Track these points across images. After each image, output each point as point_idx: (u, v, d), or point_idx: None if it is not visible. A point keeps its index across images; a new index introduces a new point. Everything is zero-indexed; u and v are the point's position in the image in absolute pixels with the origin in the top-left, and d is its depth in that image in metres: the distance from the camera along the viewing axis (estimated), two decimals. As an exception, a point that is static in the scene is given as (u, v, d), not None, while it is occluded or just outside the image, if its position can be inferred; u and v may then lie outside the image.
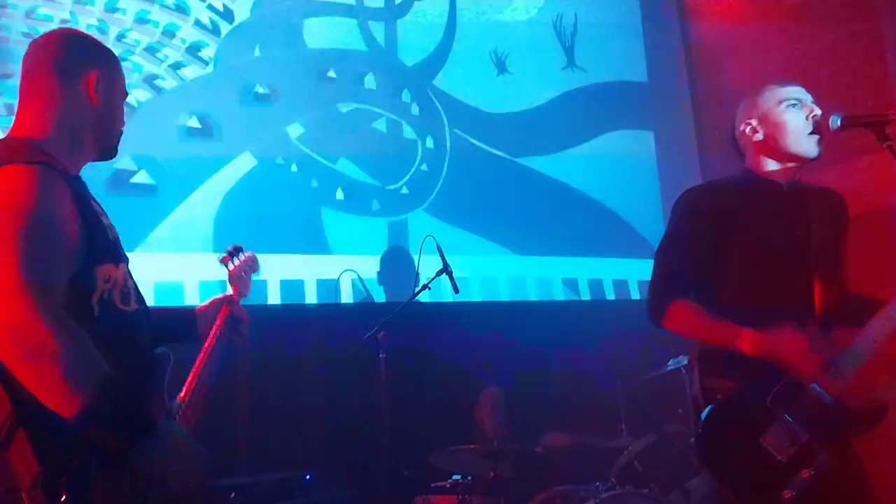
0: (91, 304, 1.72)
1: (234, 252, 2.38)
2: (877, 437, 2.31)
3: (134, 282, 1.90)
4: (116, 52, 2.04)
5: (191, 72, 4.29)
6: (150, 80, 4.15)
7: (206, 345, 2.13)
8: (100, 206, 1.88)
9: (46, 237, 1.61)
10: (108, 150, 1.96)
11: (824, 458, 2.20)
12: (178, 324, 2.22)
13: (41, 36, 1.96)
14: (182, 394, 2.02)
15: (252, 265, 2.38)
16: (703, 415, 2.30)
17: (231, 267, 2.34)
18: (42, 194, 1.63)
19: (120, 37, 4.13)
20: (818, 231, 2.42)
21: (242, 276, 2.34)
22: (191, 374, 2.07)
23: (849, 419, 2.26)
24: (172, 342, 2.01)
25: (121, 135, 1.98)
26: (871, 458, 2.41)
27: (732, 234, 2.39)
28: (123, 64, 2.05)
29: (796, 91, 2.50)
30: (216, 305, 2.25)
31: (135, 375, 1.75)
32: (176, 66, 4.24)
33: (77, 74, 1.86)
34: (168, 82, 4.22)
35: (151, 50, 4.20)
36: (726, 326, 2.25)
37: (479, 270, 4.98)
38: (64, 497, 1.53)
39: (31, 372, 1.53)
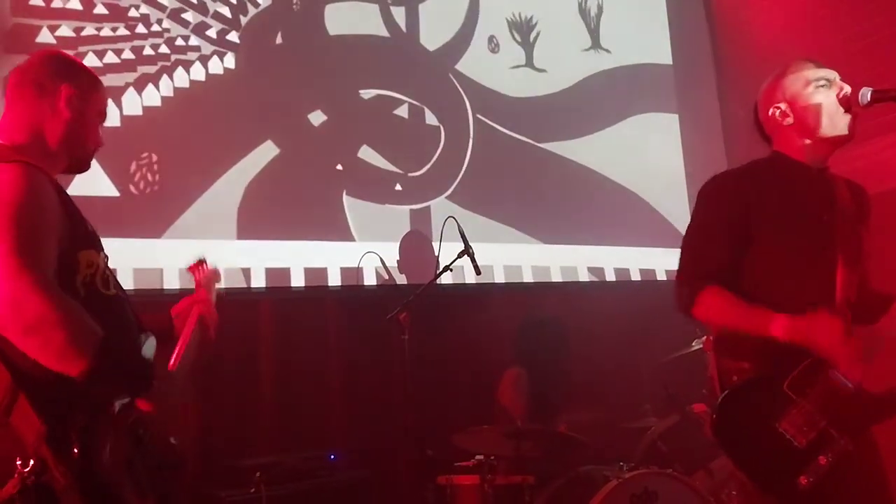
0: (76, 286, 1.87)
1: (200, 263, 2.65)
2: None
3: (111, 270, 2.06)
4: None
5: (212, 60, 4.32)
6: (171, 70, 4.20)
7: (182, 338, 2.29)
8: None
9: (35, 223, 1.78)
10: (78, 162, 2.12)
11: (843, 444, 2.19)
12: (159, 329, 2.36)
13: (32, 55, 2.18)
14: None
15: (216, 276, 2.62)
16: (719, 400, 2.28)
17: (198, 275, 2.59)
18: (27, 185, 1.80)
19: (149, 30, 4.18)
20: (844, 220, 2.41)
21: (209, 283, 2.56)
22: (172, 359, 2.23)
23: (869, 406, 2.24)
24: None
25: (93, 151, 2.14)
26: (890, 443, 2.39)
27: (759, 221, 2.37)
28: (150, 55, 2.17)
29: (823, 70, 2.46)
30: (188, 306, 2.43)
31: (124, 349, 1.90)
32: (198, 56, 4.28)
33: (50, 88, 2.04)
34: (190, 71, 4.26)
35: (177, 40, 4.25)
36: (759, 312, 2.23)
37: (502, 259, 4.96)
38: (76, 449, 1.66)
39: (36, 342, 1.67)
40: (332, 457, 3.85)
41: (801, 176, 2.43)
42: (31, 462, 1.64)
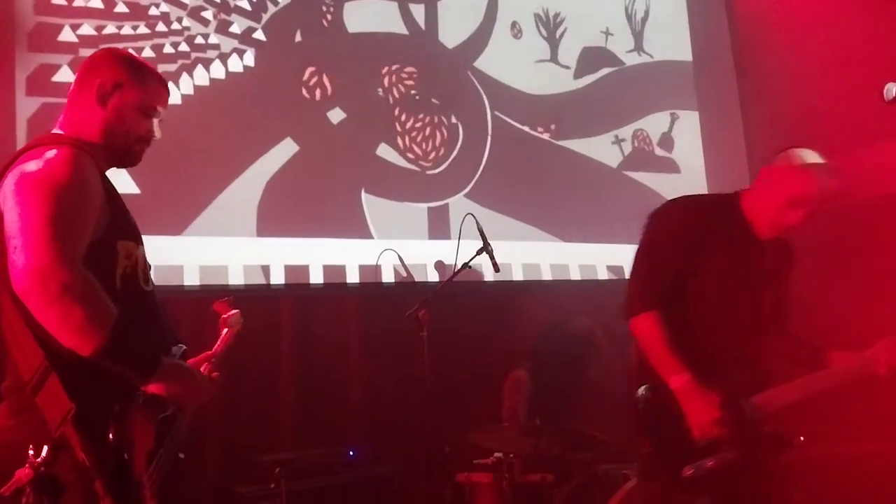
0: (115, 279, 1.90)
1: (231, 303, 2.53)
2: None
3: (148, 266, 2.09)
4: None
5: (232, 58, 4.34)
6: (191, 68, 4.22)
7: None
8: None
9: (75, 202, 1.82)
10: (120, 157, 2.11)
11: (730, 455, 2.47)
12: None
13: None
14: None
15: (239, 320, 2.50)
16: (641, 390, 2.57)
17: (227, 314, 2.48)
18: (74, 166, 1.85)
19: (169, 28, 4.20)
20: (772, 283, 2.70)
21: (236, 324, 2.47)
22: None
23: (760, 437, 2.54)
24: None
25: (136, 145, 2.12)
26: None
27: (700, 261, 2.61)
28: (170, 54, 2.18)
29: (815, 200, 2.58)
30: (199, 363, 2.33)
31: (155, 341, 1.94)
32: (217, 54, 4.30)
33: (90, 82, 2.06)
34: (210, 70, 4.28)
35: (197, 38, 4.27)
36: (671, 361, 2.51)
37: (521, 257, 4.95)
38: (112, 434, 1.70)
39: (58, 312, 1.70)
40: (351, 453, 3.86)
41: (746, 235, 2.67)
42: (44, 451, 1.67)
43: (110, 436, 1.69)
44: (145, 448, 1.79)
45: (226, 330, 2.41)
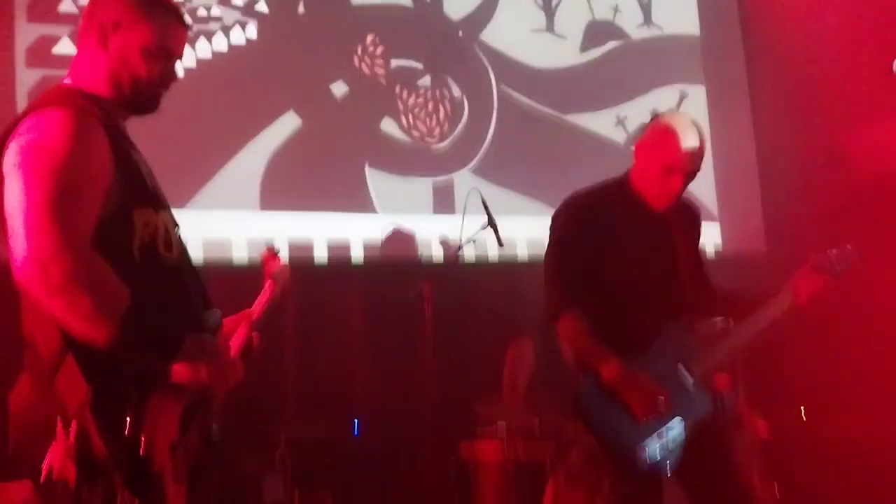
0: (132, 251, 1.74)
1: (276, 253, 2.33)
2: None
3: (177, 231, 1.91)
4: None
5: (235, 31, 4.31)
6: (193, 41, 4.19)
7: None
8: (141, 155, 1.90)
9: (77, 176, 1.64)
10: (132, 102, 1.89)
11: (679, 426, 2.52)
12: None
13: None
14: None
15: (285, 274, 2.30)
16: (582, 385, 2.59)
17: (272, 268, 2.28)
18: (73, 135, 1.66)
19: None
20: (679, 254, 2.74)
21: (281, 278, 2.27)
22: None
23: (706, 401, 2.59)
24: None
25: (147, 91, 1.89)
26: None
27: (606, 252, 2.66)
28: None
29: (687, 160, 2.60)
30: (236, 323, 2.14)
31: (178, 321, 1.77)
32: (220, 26, 4.27)
33: (93, 23, 1.85)
34: (214, 41, 4.25)
35: (199, 10, 4.24)
36: (598, 353, 2.54)
37: (526, 231, 4.93)
38: (128, 426, 1.58)
39: (63, 303, 1.57)
40: (357, 425, 3.89)
41: (643, 215, 2.69)
42: (73, 427, 1.56)
43: (127, 427, 1.58)
44: (168, 437, 1.67)
45: (268, 283, 2.17)
